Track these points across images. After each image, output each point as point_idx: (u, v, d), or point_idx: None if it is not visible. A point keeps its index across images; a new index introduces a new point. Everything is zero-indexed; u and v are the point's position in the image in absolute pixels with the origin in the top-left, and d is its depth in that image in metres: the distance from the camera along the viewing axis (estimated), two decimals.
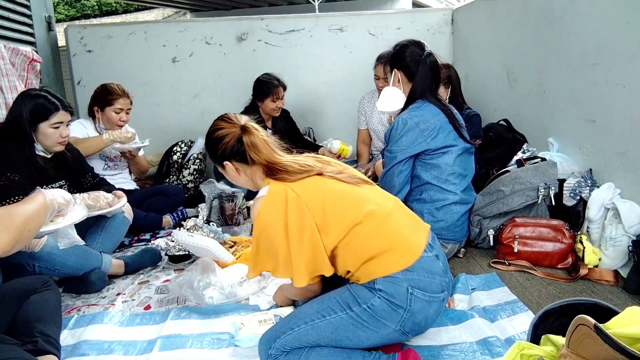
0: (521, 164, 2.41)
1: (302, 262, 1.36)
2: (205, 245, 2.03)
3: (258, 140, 1.47)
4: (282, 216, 1.34)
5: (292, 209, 1.34)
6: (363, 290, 1.35)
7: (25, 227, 1.25)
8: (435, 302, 1.36)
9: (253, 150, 1.46)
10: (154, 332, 1.71)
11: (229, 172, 1.56)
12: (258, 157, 1.46)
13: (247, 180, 1.56)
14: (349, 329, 1.32)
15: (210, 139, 1.54)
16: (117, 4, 13.36)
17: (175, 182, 3.46)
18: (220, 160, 1.54)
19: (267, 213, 1.37)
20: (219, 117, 1.58)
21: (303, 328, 1.34)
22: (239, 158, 1.50)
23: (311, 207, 1.34)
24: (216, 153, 1.53)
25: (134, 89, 2.97)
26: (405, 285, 1.31)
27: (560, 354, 0.92)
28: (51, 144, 2.13)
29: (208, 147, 1.57)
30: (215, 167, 3.68)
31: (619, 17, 2.01)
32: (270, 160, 1.45)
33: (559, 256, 2.06)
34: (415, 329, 1.37)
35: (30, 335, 1.36)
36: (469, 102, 3.04)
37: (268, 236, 1.38)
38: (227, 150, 1.50)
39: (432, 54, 2.09)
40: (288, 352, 1.33)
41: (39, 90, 2.16)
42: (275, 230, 1.36)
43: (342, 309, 1.34)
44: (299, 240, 1.34)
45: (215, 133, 1.53)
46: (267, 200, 1.37)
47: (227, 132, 1.50)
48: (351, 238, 1.35)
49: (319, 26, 3.95)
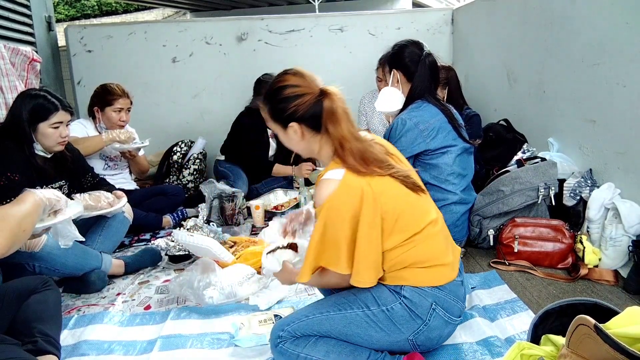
0: (521, 164, 2.41)
1: (370, 259, 1.29)
2: (205, 245, 2.03)
3: (339, 109, 1.30)
4: (356, 209, 1.25)
5: (367, 205, 1.25)
6: (385, 292, 1.35)
7: (19, 227, 1.26)
8: (451, 324, 1.38)
9: (331, 119, 1.29)
10: (154, 332, 1.71)
11: (290, 134, 1.36)
12: (334, 128, 1.29)
13: (306, 148, 1.40)
14: (362, 326, 1.33)
15: (278, 95, 1.33)
16: (117, 4, 13.36)
17: (175, 182, 3.46)
18: (285, 121, 1.34)
19: (341, 201, 1.25)
20: (286, 71, 1.36)
21: (317, 317, 1.34)
22: (309, 123, 1.32)
23: (385, 209, 1.28)
24: (283, 113, 1.33)
25: (134, 89, 2.97)
26: (430, 300, 1.32)
27: (560, 354, 0.92)
28: (51, 144, 2.13)
29: (272, 102, 1.35)
30: (216, 167, 3.71)
31: (619, 17, 2.01)
32: (345, 137, 1.29)
33: (559, 256, 2.06)
34: (426, 343, 1.37)
35: (30, 335, 1.36)
36: (468, 102, 3.04)
37: (334, 225, 1.26)
38: (300, 112, 1.30)
39: (431, 54, 2.09)
40: (297, 338, 1.33)
41: (38, 90, 2.16)
42: (346, 220, 1.25)
43: (359, 306, 1.34)
44: (368, 236, 1.26)
45: (287, 89, 1.32)
46: (342, 189, 1.25)
47: (304, 91, 1.31)
48: (405, 244, 1.32)
49: (319, 26, 3.95)
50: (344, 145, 1.29)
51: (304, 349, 1.32)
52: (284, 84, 1.33)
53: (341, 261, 1.28)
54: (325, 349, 1.32)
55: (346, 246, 1.27)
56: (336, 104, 1.30)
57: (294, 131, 1.34)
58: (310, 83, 1.33)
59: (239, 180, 3.25)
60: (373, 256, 1.29)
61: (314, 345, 1.32)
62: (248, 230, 2.74)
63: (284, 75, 1.36)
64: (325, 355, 1.31)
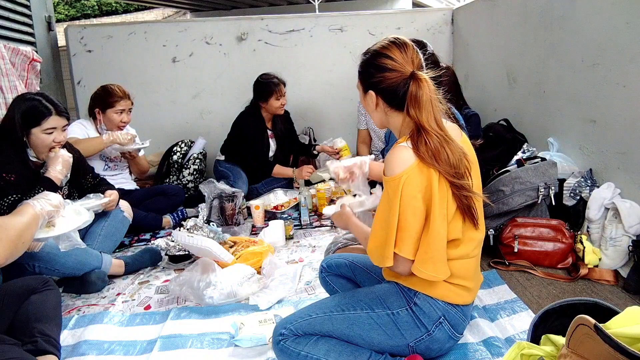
0: (521, 164, 2.40)
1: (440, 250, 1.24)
2: (205, 246, 2.03)
3: (425, 96, 1.23)
4: (427, 192, 1.21)
5: (435, 189, 1.20)
6: (394, 296, 1.34)
7: (19, 239, 1.28)
8: (453, 340, 1.38)
9: (413, 103, 1.24)
10: (154, 332, 1.71)
11: (367, 99, 1.35)
12: (414, 113, 1.23)
13: (381, 118, 1.37)
14: (364, 328, 1.33)
15: (374, 59, 1.30)
16: (117, 4, 13.36)
17: (175, 182, 3.46)
18: (367, 86, 1.33)
19: (413, 182, 1.19)
20: (394, 40, 1.30)
21: (320, 317, 1.35)
22: (387, 98, 1.30)
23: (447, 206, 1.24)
24: (369, 77, 1.31)
25: (134, 89, 2.97)
26: (440, 313, 1.32)
27: (560, 354, 0.92)
28: (42, 150, 2.06)
29: (366, 62, 1.33)
30: (216, 167, 3.71)
31: (619, 17, 2.01)
32: (423, 125, 1.22)
33: (559, 256, 2.06)
34: (425, 353, 1.37)
35: (30, 335, 1.36)
36: (468, 101, 3.04)
37: (411, 204, 1.20)
38: (382, 85, 1.28)
39: (433, 54, 2.08)
40: (299, 336, 1.34)
41: (34, 94, 2.09)
42: (419, 203, 1.20)
43: (363, 307, 1.34)
44: (441, 221, 1.22)
45: (382, 59, 1.28)
46: (413, 170, 1.20)
47: (396, 67, 1.26)
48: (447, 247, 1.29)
49: (319, 26, 3.95)
50: (422, 133, 1.22)
51: (305, 347, 1.32)
52: (384, 52, 1.29)
53: (408, 246, 1.22)
54: (325, 348, 1.32)
55: (418, 228, 1.22)
56: (423, 90, 1.23)
57: (371, 98, 1.33)
58: (406, 62, 1.27)
59: (239, 180, 3.25)
60: (440, 245, 1.23)
61: (314, 344, 1.33)
62: (248, 230, 2.74)
63: (391, 44, 1.30)
64: (326, 354, 1.31)
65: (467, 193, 1.24)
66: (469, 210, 1.26)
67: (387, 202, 1.23)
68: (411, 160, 1.21)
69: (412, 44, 1.30)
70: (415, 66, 1.28)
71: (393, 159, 1.23)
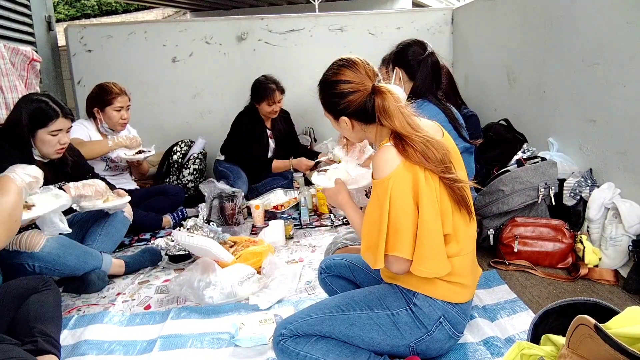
0: (521, 164, 2.40)
1: (437, 246, 1.24)
2: (205, 246, 2.03)
3: (391, 106, 1.25)
4: (415, 191, 1.22)
5: (422, 186, 1.21)
6: (394, 296, 1.35)
7: (11, 218, 1.30)
8: (454, 339, 1.38)
9: (383, 114, 1.26)
10: (154, 332, 1.71)
11: (341, 125, 1.38)
12: (387, 122, 1.26)
13: (358, 137, 1.41)
14: (364, 328, 1.33)
15: (332, 88, 1.33)
16: (117, 4, 13.36)
17: (175, 182, 3.46)
18: (336, 115, 1.36)
19: (401, 183, 1.21)
20: (343, 62, 1.33)
21: (320, 317, 1.35)
22: (360, 118, 1.33)
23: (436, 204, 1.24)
24: (335, 107, 1.34)
25: (134, 89, 2.98)
26: (440, 313, 1.32)
27: (560, 353, 0.92)
28: (49, 151, 2.09)
29: (325, 94, 1.37)
30: (216, 167, 3.71)
31: (619, 17, 2.01)
32: (399, 131, 1.24)
33: (559, 256, 2.06)
34: (425, 353, 1.37)
35: (30, 335, 1.36)
36: (468, 101, 3.04)
37: (401, 207, 1.21)
38: (350, 108, 1.31)
39: (433, 53, 2.09)
40: (298, 337, 1.34)
41: (41, 95, 2.12)
42: (409, 202, 1.21)
43: (363, 308, 1.34)
44: (433, 217, 1.22)
45: (339, 85, 1.31)
46: (400, 171, 1.21)
47: (355, 88, 1.29)
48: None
49: (319, 26, 3.95)
50: (404, 139, 1.23)
51: (305, 347, 1.32)
52: (337, 78, 1.32)
53: (405, 246, 1.23)
54: (325, 349, 1.32)
55: (413, 228, 1.22)
56: (387, 102, 1.26)
57: (344, 123, 1.36)
58: (363, 78, 1.30)
59: (239, 180, 3.25)
60: (437, 242, 1.23)
61: (314, 345, 1.33)
62: (248, 230, 2.74)
63: (341, 67, 1.33)
64: (325, 354, 1.32)
65: (459, 184, 1.26)
66: (463, 200, 1.28)
67: (377, 204, 1.24)
68: (397, 161, 1.23)
69: (359, 59, 1.33)
70: (372, 78, 1.31)
71: (380, 161, 1.24)
